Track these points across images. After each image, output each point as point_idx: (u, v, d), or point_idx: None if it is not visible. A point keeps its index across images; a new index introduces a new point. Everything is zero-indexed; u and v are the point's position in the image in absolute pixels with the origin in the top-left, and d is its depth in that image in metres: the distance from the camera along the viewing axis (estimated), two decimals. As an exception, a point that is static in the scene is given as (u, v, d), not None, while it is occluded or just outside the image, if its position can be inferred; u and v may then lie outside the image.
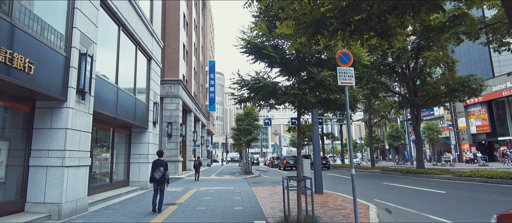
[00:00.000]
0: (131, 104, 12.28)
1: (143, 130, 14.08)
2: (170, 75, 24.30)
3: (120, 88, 11.13)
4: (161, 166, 8.09)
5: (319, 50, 5.90)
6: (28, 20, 6.78)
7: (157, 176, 8.02)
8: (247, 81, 6.46)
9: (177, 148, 23.18)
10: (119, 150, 13.56)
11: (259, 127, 28.25)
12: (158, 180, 8.07)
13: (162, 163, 8.14)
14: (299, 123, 7.50)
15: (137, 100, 12.88)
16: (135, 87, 12.85)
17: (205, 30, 48.25)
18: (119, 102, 11.00)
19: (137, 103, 12.97)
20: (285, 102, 6.86)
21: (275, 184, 16.73)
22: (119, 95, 10.96)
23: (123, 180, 13.50)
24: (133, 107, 12.42)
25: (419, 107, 22.26)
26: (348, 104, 6.45)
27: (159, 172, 8.04)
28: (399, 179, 18.74)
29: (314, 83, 5.92)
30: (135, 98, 12.64)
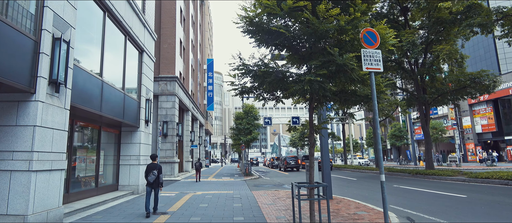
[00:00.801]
0: (119, 101, 11.08)
1: (134, 129, 12.89)
2: (166, 72, 23.10)
3: (105, 82, 9.94)
4: (155, 169, 8.02)
5: (340, 27, 4.71)
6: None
7: (150, 180, 7.97)
8: (251, 66, 5.27)
9: (173, 149, 21.98)
10: (108, 151, 12.37)
11: (259, 126, 27.08)
12: (152, 183, 8.03)
13: (155, 166, 8.06)
14: (312, 117, 6.34)
15: (126, 97, 11.69)
16: (124, 82, 11.65)
17: (203, 27, 47.05)
18: (105, 98, 9.80)
19: (127, 99, 11.78)
20: (296, 94, 5.70)
21: (278, 187, 15.56)
22: (104, 90, 9.76)
23: (111, 184, 12.30)
24: (121, 103, 11.22)
25: (428, 105, 21.14)
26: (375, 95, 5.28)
27: (153, 175, 7.97)
28: (409, 181, 17.61)
29: (334, 68, 4.74)
30: (124, 94, 11.44)
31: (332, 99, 6.30)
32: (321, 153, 11.01)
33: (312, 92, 5.30)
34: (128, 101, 11.93)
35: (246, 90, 5.79)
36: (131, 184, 12.55)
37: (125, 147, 12.81)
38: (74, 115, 9.29)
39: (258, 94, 6.13)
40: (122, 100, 11.31)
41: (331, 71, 4.82)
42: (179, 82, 23.56)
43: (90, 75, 8.97)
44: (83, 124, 10.33)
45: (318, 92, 5.05)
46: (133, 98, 12.50)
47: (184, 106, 27.35)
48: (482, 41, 39.71)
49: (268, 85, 5.39)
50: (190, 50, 31.90)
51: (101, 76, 9.67)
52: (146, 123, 13.57)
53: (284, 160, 34.08)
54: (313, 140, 6.33)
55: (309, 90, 4.97)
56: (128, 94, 11.92)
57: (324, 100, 6.22)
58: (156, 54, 23.46)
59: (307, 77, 4.66)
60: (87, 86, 8.79)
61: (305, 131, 26.39)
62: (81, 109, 8.65)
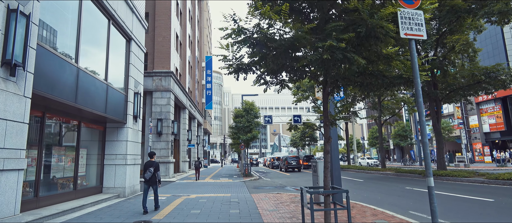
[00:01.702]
0: (101, 92, 9.79)
1: (121, 125, 11.60)
2: (161, 66, 21.81)
3: (82, 69, 8.64)
4: (152, 166, 8.16)
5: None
6: None
7: (146, 177, 8.06)
8: (249, 32, 3.96)
9: (167, 148, 20.69)
10: (91, 149, 11.09)
11: (259, 124, 25.77)
12: (149, 180, 8.13)
13: (152, 163, 8.21)
14: (327, 105, 5.06)
15: (110, 88, 10.39)
16: (107, 72, 10.35)
17: (202, 23, 45.76)
18: (82, 88, 8.51)
19: (111, 92, 10.48)
20: (306, 74, 4.42)
21: (280, 190, 14.26)
22: (81, 79, 8.47)
23: (94, 186, 11.01)
24: (103, 96, 9.93)
25: (439, 101, 19.85)
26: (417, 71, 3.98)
27: (149, 172, 8.08)
28: (421, 182, 16.31)
29: (364, 31, 3.44)
30: (106, 85, 10.15)
31: (353, 83, 5.00)
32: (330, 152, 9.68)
33: (327, 70, 4.03)
34: (113, 94, 10.64)
35: (243, 68, 4.50)
36: (116, 186, 11.26)
37: (110, 145, 11.52)
38: (45, 107, 8.00)
39: (258, 76, 4.84)
40: (105, 92, 10.02)
41: (359, 35, 3.51)
42: (175, 77, 22.28)
43: (61, 60, 7.67)
44: (57, 117, 9.04)
45: (339, 68, 3.76)
46: (119, 90, 11.21)
47: (181, 103, 26.06)
48: (490, 38, 38.41)
49: (272, 60, 4.11)
50: (187, 45, 30.62)
51: (76, 63, 8.37)
52: (134, 119, 12.28)
53: (285, 160, 32.79)
54: (328, 134, 5.05)
55: (326, 66, 3.68)
56: (112, 85, 10.62)
57: (343, 83, 4.92)
58: (150, 48, 22.18)
59: (328, 42, 3.36)
60: (58, 73, 7.49)
61: (306, 130, 25.17)
62: (51, 100, 7.36)
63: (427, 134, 4.21)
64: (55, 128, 9.20)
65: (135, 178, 12.22)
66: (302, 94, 38.05)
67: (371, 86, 5.07)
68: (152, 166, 8.15)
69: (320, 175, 9.07)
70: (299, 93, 38.25)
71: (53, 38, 7.66)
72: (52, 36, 7.65)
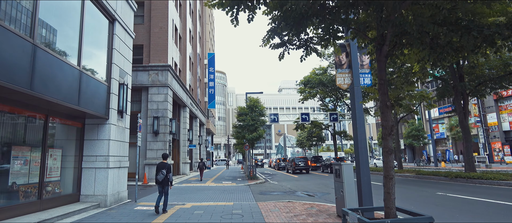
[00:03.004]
0: (72, 80, 7.96)
1: (102, 121, 9.77)
2: (157, 60, 20.01)
3: (40, 47, 6.79)
4: (164, 168, 8.23)
5: None
6: None
7: (159, 178, 8.17)
8: None
9: (165, 148, 18.85)
10: (67, 150, 9.30)
11: (264, 123, 23.85)
12: (161, 182, 8.22)
13: (165, 165, 8.28)
14: (384, 71, 3.16)
15: (84, 75, 8.56)
16: (80, 55, 8.51)
17: (204, 19, 44.00)
18: (40, 71, 6.68)
19: (86, 80, 8.66)
20: (344, 27, 2.52)
21: (290, 196, 12.34)
22: (39, 60, 6.64)
23: (70, 193, 9.19)
24: (76, 84, 8.10)
25: (467, 95, 17.78)
26: None
27: (161, 174, 8.17)
28: (451, 186, 14.29)
29: None
30: (79, 71, 8.32)
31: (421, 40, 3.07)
32: (356, 153, 7.73)
33: (387, 11, 2.12)
34: (90, 83, 8.81)
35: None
36: (96, 194, 9.42)
37: (90, 144, 9.70)
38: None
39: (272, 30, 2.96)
40: (77, 79, 8.19)
41: None
42: (173, 71, 20.46)
43: (5, 30, 5.83)
44: (14, 109, 7.22)
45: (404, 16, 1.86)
46: (98, 80, 9.38)
47: (181, 101, 24.25)
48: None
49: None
50: (187, 40, 28.84)
51: (32, 38, 6.52)
52: (119, 114, 10.44)
53: (292, 161, 30.81)
54: (390, 121, 3.15)
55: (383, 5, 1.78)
56: (87, 73, 8.79)
57: (407, 41, 3.00)
58: (146, 40, 20.41)
59: None
60: (1, 49, 5.66)
61: (313, 130, 22.50)
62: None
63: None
64: (14, 122, 7.39)
65: (120, 183, 10.37)
66: (309, 92, 36.12)
67: (451, 48, 3.13)
68: (164, 167, 8.23)
69: (347, 182, 7.13)
70: (306, 91, 36.32)
71: None
72: None
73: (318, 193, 13.20)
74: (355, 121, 7.73)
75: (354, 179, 7.29)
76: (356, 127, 7.70)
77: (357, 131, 7.66)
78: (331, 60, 32.10)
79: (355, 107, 7.78)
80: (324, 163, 31.44)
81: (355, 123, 7.73)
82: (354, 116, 7.80)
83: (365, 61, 8.38)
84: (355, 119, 7.73)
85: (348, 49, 8.22)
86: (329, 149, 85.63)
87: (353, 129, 7.88)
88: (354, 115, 7.80)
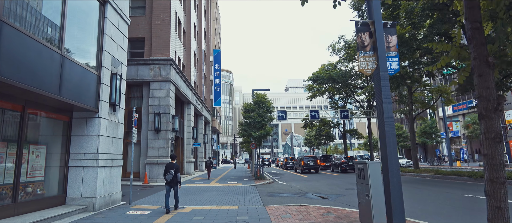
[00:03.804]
0: (50, 64, 6.91)
1: (91, 114, 8.72)
2: (159, 53, 19.00)
3: (7, 23, 5.74)
4: (172, 168, 8.26)
5: None
6: None
7: (168, 179, 8.20)
8: None
9: (167, 146, 17.83)
10: (51, 146, 8.31)
11: (272, 119, 22.67)
12: (170, 182, 8.25)
13: (173, 165, 8.31)
14: (479, 17, 2.20)
15: (68, 61, 7.50)
16: (62, 37, 7.44)
17: (209, 15, 42.97)
18: (7, 51, 5.63)
19: (70, 66, 7.60)
20: None
21: (301, 198, 11.17)
22: (4, 36, 5.58)
23: (54, 195, 8.17)
24: (56, 70, 7.05)
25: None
26: None
27: (170, 174, 8.20)
28: (478, 187, 12.94)
29: None
30: (61, 56, 7.26)
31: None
32: (382, 151, 6.52)
33: None
34: (74, 70, 7.76)
35: None
36: (84, 196, 8.37)
37: (77, 140, 8.66)
38: None
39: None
40: (59, 65, 7.14)
41: None
42: (175, 65, 19.42)
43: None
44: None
45: None
46: (86, 68, 8.32)
47: (184, 97, 23.23)
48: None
49: None
50: (192, 35, 27.81)
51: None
52: (112, 107, 9.38)
53: (300, 160, 29.57)
54: (493, 89, 1.96)
55: None
56: (72, 59, 7.73)
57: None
58: (147, 33, 19.41)
59: None
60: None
61: (322, 128, 20.72)
62: None
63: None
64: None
65: (113, 184, 9.32)
66: (318, 89, 34.84)
67: None
68: (173, 168, 8.29)
69: (373, 184, 5.95)
70: (315, 87, 35.06)
71: None
72: None
73: (331, 195, 12.00)
74: (382, 111, 6.51)
75: (382, 181, 6.09)
76: (382, 118, 6.48)
77: (385, 122, 6.44)
78: (342, 55, 30.79)
79: (381, 96, 6.57)
80: (334, 162, 30.12)
81: (382, 113, 6.51)
82: (380, 105, 6.59)
83: (392, 43, 7.16)
84: (382, 108, 6.52)
85: (371, 28, 7.02)
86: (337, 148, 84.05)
87: (379, 120, 6.67)
88: (380, 104, 6.59)
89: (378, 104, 6.76)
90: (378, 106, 6.77)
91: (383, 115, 6.54)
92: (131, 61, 18.44)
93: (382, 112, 6.56)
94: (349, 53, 29.31)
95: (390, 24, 7.06)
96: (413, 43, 16.81)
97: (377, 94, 6.78)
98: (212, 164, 23.84)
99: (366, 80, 31.27)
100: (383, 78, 6.67)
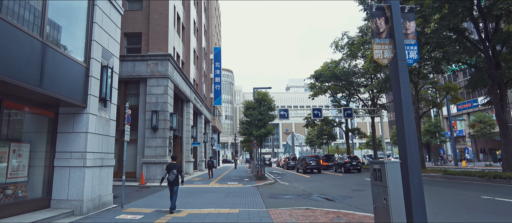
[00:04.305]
0: (30, 52, 6.20)
1: (78, 109, 8.01)
2: (157, 49, 18.29)
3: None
4: (174, 168, 8.26)
5: None
6: None
7: (171, 179, 8.16)
8: None
9: (164, 145, 17.13)
10: (37, 145, 7.63)
11: (274, 118, 21.96)
12: (172, 182, 8.19)
13: (174, 166, 8.31)
14: None
15: (49, 50, 6.80)
16: (43, 24, 6.72)
17: (209, 12, 42.25)
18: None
19: (52, 55, 6.89)
20: None
21: (307, 200, 10.45)
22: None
23: (37, 198, 7.47)
24: (37, 59, 6.35)
25: (505, 85, 15.65)
26: None
27: (173, 174, 8.19)
28: (492, 188, 12.22)
29: None
30: (42, 44, 6.55)
31: None
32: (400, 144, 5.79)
33: None
34: (58, 60, 7.05)
35: None
36: (70, 199, 7.67)
37: (64, 138, 7.96)
38: None
39: None
40: (39, 54, 6.43)
41: None
42: (174, 61, 18.71)
43: None
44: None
45: None
46: (72, 58, 7.61)
47: (183, 95, 22.52)
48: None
49: None
50: (192, 32, 27.09)
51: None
52: (102, 103, 8.67)
53: (303, 160, 28.85)
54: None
55: None
56: (55, 47, 7.02)
57: None
58: (145, 28, 18.71)
59: None
60: None
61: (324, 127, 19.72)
62: None
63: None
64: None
65: (103, 186, 8.61)
66: (320, 87, 34.12)
67: None
68: (175, 168, 8.30)
69: (393, 187, 5.22)
70: (317, 86, 34.35)
71: None
72: None
73: (338, 197, 11.29)
74: (400, 105, 5.80)
75: (401, 183, 5.36)
76: (401, 112, 5.77)
77: (404, 117, 5.72)
78: (345, 52, 30.04)
79: (399, 88, 5.85)
80: (337, 162, 29.39)
81: (400, 108, 5.79)
82: (398, 99, 5.87)
83: (410, 29, 6.44)
84: (400, 102, 5.80)
85: (388, 12, 6.30)
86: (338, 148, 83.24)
87: (397, 115, 5.95)
88: (399, 97, 5.87)
89: (395, 98, 6.04)
90: (396, 100, 6.05)
91: (401, 109, 5.82)
92: (127, 57, 17.75)
93: (401, 106, 5.84)
94: (352, 50, 28.57)
95: (408, 8, 6.32)
96: (422, 38, 16.10)
97: (395, 87, 6.05)
98: (214, 163, 23.44)
99: (370, 78, 30.51)
100: (402, 68, 5.95)
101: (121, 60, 17.56)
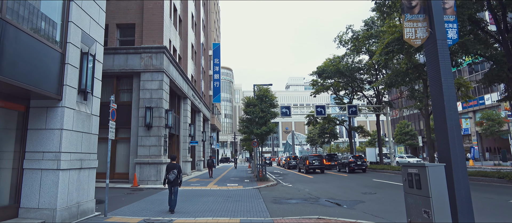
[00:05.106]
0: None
1: (52, 102, 6.86)
2: (151, 41, 17.11)
3: None
4: (175, 169, 8.36)
5: None
6: None
7: (171, 178, 8.24)
8: None
9: (159, 144, 15.97)
10: (3, 144, 6.49)
11: (276, 115, 20.82)
12: (172, 182, 8.26)
13: (175, 166, 8.42)
14: None
15: (10, 28, 5.63)
16: None
17: (208, 6, 41.04)
18: None
19: (13, 35, 5.74)
20: None
21: (315, 206, 9.32)
22: None
23: (3, 206, 6.34)
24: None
25: (525, 79, 14.52)
26: None
27: (173, 174, 8.27)
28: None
29: None
30: (1, 21, 5.38)
31: None
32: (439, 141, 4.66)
33: None
34: (25, 43, 5.90)
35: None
36: (42, 207, 6.52)
37: (35, 136, 6.80)
38: None
39: None
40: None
41: None
42: (169, 55, 17.55)
43: None
44: None
45: None
46: (43, 41, 6.44)
47: (181, 92, 21.36)
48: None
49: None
50: (190, 25, 25.91)
51: None
52: (81, 95, 7.51)
53: (305, 159, 27.68)
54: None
55: None
56: (20, 26, 5.85)
57: None
58: (138, 18, 17.53)
59: None
60: None
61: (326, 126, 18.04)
62: None
63: None
64: None
65: (82, 191, 7.46)
66: (322, 84, 32.99)
67: None
68: (175, 168, 8.35)
69: (436, 196, 4.08)
70: (319, 83, 33.21)
71: None
72: None
73: (348, 201, 10.18)
74: (441, 95, 4.66)
75: (447, 193, 4.22)
76: (442, 104, 4.63)
77: (446, 111, 4.58)
78: (349, 47, 28.90)
79: (439, 74, 4.71)
80: (341, 162, 28.25)
81: (442, 99, 4.65)
82: (438, 86, 4.74)
83: (449, 3, 5.31)
84: (441, 92, 4.66)
85: (422, -19, 5.18)
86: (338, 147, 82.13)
87: (435, 109, 4.82)
88: (438, 84, 4.73)
89: (433, 87, 4.90)
90: (434, 89, 4.91)
91: (443, 100, 4.67)
92: (120, 50, 16.58)
93: (442, 96, 4.69)
94: (357, 45, 27.43)
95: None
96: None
97: (432, 73, 4.90)
98: (213, 163, 22.53)
99: (375, 74, 29.37)
100: (442, 49, 4.78)
101: (113, 53, 16.42)
